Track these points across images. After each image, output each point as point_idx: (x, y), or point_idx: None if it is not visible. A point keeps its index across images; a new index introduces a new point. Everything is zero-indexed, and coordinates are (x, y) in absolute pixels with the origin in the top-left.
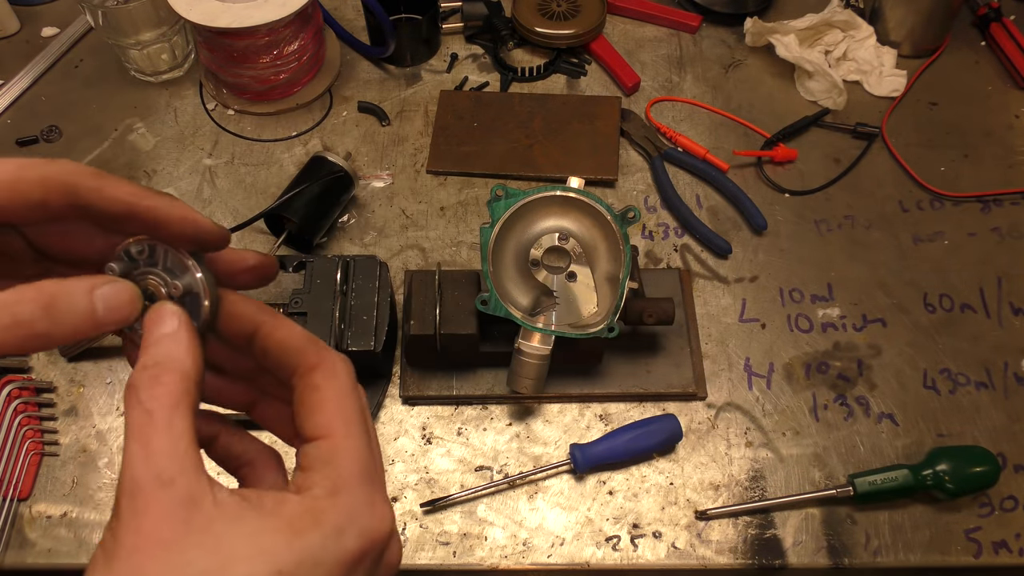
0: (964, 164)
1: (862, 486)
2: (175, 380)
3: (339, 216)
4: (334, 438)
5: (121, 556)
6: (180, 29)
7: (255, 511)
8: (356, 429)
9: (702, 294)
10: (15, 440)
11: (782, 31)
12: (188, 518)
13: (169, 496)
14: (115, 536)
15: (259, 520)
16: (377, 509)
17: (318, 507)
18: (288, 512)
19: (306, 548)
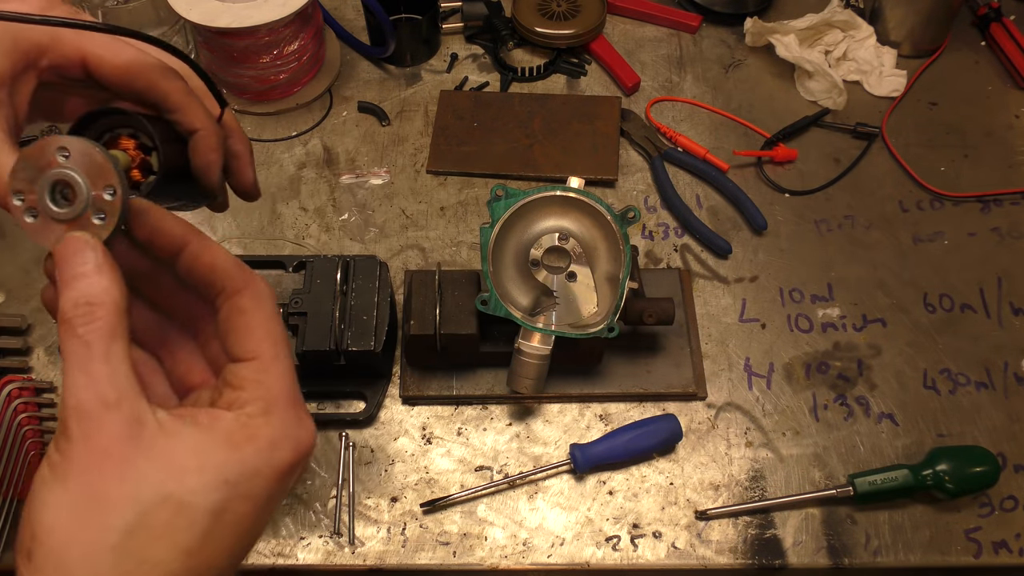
0: (964, 164)
1: (862, 486)
2: (109, 313)
3: None
4: (263, 360)
5: (74, 473)
6: (180, 29)
7: (193, 427)
8: (282, 351)
9: (702, 294)
10: (15, 440)
11: (782, 31)
12: (136, 436)
13: (116, 417)
14: (65, 456)
15: (199, 436)
16: (303, 423)
17: (253, 424)
18: (224, 428)
19: (246, 460)
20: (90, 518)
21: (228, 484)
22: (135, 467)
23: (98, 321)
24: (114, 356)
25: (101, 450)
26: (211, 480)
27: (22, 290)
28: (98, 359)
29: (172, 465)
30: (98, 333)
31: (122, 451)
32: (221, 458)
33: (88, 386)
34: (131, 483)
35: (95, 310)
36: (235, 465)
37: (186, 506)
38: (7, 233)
